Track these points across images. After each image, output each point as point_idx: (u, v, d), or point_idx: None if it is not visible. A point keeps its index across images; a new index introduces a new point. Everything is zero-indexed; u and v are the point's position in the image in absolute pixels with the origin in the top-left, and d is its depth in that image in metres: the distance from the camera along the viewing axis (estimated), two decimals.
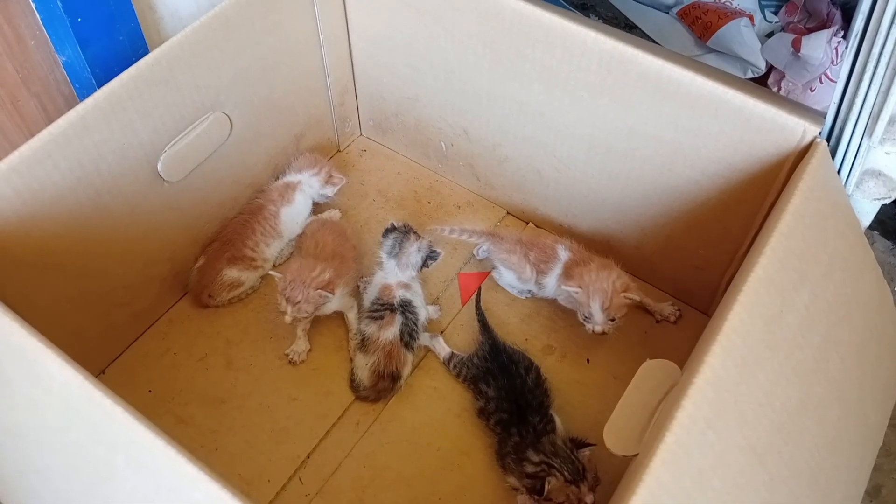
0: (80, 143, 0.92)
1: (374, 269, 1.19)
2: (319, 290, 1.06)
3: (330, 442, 1.07)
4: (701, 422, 0.67)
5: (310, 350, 1.16)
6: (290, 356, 1.14)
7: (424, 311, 1.15)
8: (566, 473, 0.94)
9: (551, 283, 1.15)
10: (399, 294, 1.13)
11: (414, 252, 1.15)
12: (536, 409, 1.03)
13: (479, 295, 1.21)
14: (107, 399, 0.67)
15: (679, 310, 1.18)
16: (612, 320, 1.07)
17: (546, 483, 0.93)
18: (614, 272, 1.08)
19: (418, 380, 1.13)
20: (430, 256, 1.16)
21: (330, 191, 1.28)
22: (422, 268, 1.17)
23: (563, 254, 1.14)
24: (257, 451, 1.06)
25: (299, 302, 1.06)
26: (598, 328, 1.07)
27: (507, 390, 1.05)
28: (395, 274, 1.15)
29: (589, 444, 0.98)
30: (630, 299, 1.06)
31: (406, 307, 1.12)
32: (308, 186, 1.26)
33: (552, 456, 0.96)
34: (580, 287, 1.07)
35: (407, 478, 1.04)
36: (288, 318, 1.07)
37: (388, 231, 1.18)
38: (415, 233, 1.17)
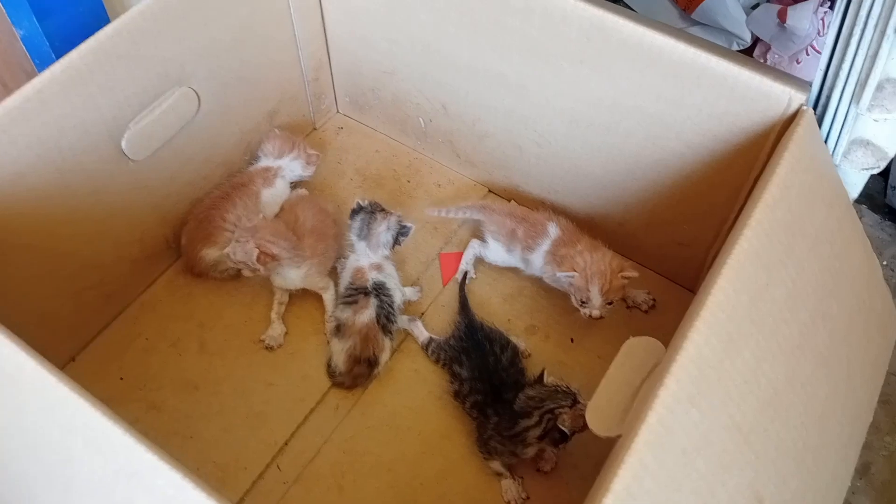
0: (38, 118, 0.88)
1: (347, 253, 1.15)
2: (255, 250, 1.03)
3: (308, 427, 1.04)
4: (684, 401, 0.65)
5: (286, 333, 1.13)
6: (267, 342, 1.11)
7: (400, 294, 1.12)
8: (565, 402, 0.92)
9: (537, 260, 1.12)
10: (372, 277, 1.10)
11: (383, 231, 1.11)
12: (511, 387, 1.00)
13: (464, 276, 1.18)
14: (63, 385, 0.65)
15: (654, 299, 1.15)
16: (610, 304, 1.04)
17: (562, 423, 0.91)
18: (608, 253, 1.06)
19: (398, 363, 1.10)
20: (401, 233, 1.12)
21: (310, 171, 1.25)
22: (394, 246, 1.13)
23: (553, 230, 1.12)
24: (233, 437, 1.03)
25: (236, 242, 1.05)
26: (596, 312, 1.04)
27: (479, 370, 1.02)
28: (366, 255, 1.11)
29: (542, 373, 0.98)
30: (627, 278, 1.04)
31: (380, 290, 1.09)
32: (289, 171, 1.23)
33: (541, 402, 0.93)
34: (575, 271, 1.04)
35: (387, 462, 1.01)
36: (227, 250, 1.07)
37: (354, 212, 1.13)
38: (382, 210, 1.12)
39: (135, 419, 1.02)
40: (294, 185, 1.26)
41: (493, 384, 1.00)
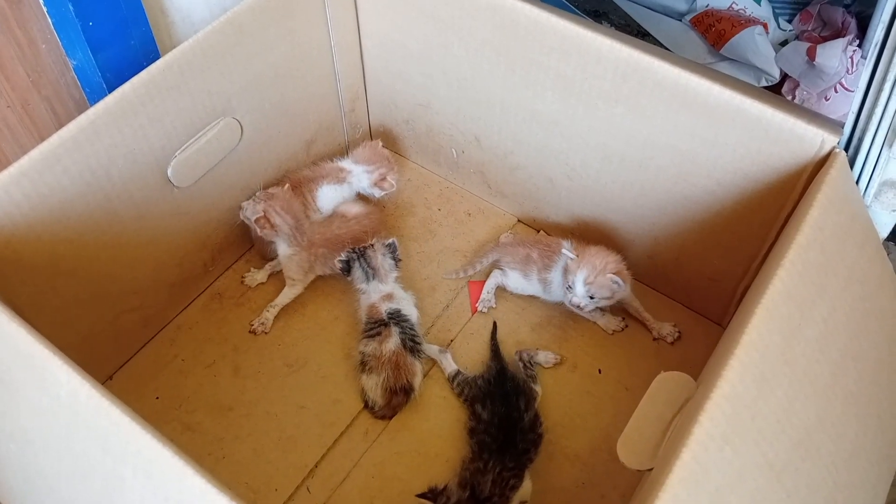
0: (90, 147, 0.91)
1: (357, 296, 1.17)
2: (260, 213, 1.13)
3: (338, 451, 1.06)
4: (718, 438, 0.66)
5: (263, 283, 1.23)
6: (246, 279, 1.22)
7: (415, 312, 1.14)
8: None
9: (557, 279, 1.14)
10: (385, 308, 1.12)
11: (382, 260, 1.14)
12: (516, 456, 0.98)
13: (494, 326, 1.17)
14: (115, 408, 0.67)
15: (679, 332, 1.16)
16: (592, 298, 1.07)
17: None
18: (613, 256, 1.09)
19: (427, 389, 1.12)
20: (392, 250, 1.16)
21: (375, 192, 1.27)
22: (398, 264, 1.16)
23: (568, 245, 1.14)
24: (264, 459, 1.05)
25: (253, 200, 1.15)
26: (576, 300, 1.08)
27: (501, 417, 1.01)
28: (377, 290, 1.14)
29: None
30: (616, 283, 1.06)
31: (396, 317, 1.11)
32: (357, 180, 1.26)
33: None
34: (576, 255, 1.08)
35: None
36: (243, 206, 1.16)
37: (345, 269, 1.15)
38: (364, 247, 1.15)
39: (170, 440, 1.04)
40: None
41: (507, 438, 0.99)
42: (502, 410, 1.02)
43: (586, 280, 1.06)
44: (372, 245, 1.15)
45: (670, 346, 1.16)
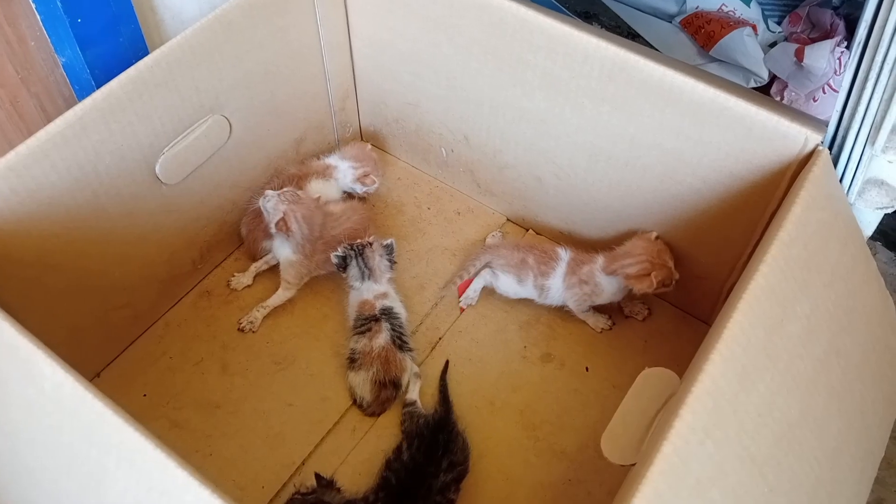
0: (78, 143, 0.92)
1: (348, 293, 1.17)
2: (281, 214, 1.11)
3: (325, 448, 1.06)
4: (699, 431, 0.66)
5: (249, 285, 1.22)
6: (232, 284, 1.22)
7: (404, 310, 1.15)
8: None
9: (556, 285, 1.14)
10: (379, 304, 1.12)
11: (379, 260, 1.15)
12: None
13: (446, 365, 1.13)
14: (98, 401, 0.67)
15: (649, 309, 1.18)
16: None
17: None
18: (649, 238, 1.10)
19: None
20: (389, 251, 1.16)
21: (358, 187, 1.28)
22: (393, 265, 1.17)
23: (565, 254, 1.15)
24: (252, 456, 1.05)
25: (278, 195, 1.13)
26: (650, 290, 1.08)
27: (415, 465, 0.97)
28: (370, 290, 1.14)
29: None
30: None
31: (388, 313, 1.12)
32: (342, 175, 1.27)
33: None
34: (640, 262, 1.07)
35: None
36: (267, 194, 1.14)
37: (342, 266, 1.15)
38: (361, 245, 1.15)
39: (157, 436, 1.04)
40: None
41: (410, 490, 0.96)
42: (420, 458, 0.98)
43: (664, 282, 1.08)
44: (370, 244, 1.15)
45: (657, 345, 1.16)
